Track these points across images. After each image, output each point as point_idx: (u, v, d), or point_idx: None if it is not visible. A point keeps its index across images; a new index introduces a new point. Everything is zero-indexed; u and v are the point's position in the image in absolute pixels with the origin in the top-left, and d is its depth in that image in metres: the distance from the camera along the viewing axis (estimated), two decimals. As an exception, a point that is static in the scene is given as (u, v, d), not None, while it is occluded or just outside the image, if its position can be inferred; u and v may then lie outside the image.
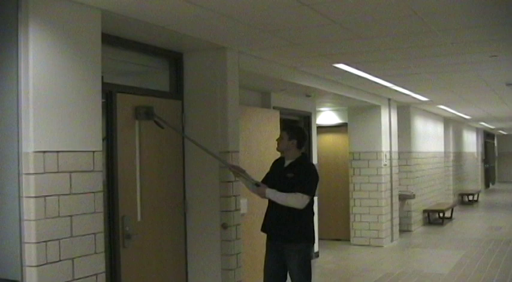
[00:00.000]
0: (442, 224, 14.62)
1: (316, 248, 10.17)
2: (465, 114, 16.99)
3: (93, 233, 4.14)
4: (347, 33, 5.56)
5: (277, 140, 5.58)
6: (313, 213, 5.52)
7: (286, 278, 5.46)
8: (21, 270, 3.72)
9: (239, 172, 5.54)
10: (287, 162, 5.47)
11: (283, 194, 5.23)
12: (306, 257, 5.38)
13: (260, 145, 7.61)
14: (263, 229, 5.55)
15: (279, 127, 8.00)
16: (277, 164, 5.62)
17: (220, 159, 5.79)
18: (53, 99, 3.87)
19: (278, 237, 5.36)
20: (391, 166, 12.03)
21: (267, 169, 5.70)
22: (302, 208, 5.22)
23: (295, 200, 5.21)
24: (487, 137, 30.93)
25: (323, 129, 12.09)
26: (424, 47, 6.44)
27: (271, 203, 5.37)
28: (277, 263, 5.40)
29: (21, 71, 3.75)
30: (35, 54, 3.76)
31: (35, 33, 3.76)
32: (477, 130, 26.10)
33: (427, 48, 6.52)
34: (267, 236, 5.51)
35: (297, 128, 5.75)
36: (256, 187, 5.40)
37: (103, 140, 4.57)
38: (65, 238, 3.89)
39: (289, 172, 5.36)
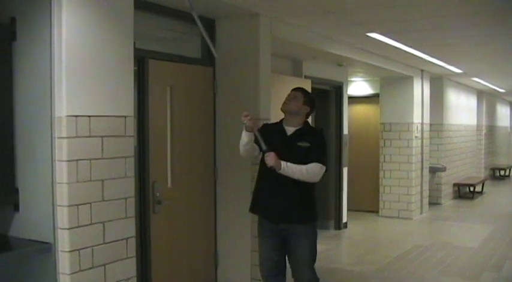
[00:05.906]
0: (472, 198, 14.45)
1: (344, 218, 10.16)
2: (499, 87, 16.68)
3: (124, 198, 4.16)
4: (382, 0, 5.46)
5: (287, 99, 4.71)
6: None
7: (286, 266, 4.71)
8: (54, 232, 3.77)
9: (253, 128, 4.45)
10: (291, 129, 4.63)
11: (299, 167, 4.36)
12: (316, 238, 4.68)
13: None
14: (256, 210, 4.78)
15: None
16: (273, 129, 4.72)
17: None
18: (86, 64, 3.87)
19: (283, 219, 4.54)
20: (422, 138, 11.90)
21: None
22: (317, 181, 4.49)
23: (316, 172, 4.41)
24: (521, 111, 30.41)
25: (354, 99, 11.96)
26: (460, 17, 6.29)
27: (272, 178, 4.46)
28: (277, 251, 4.60)
29: (55, 35, 3.74)
30: (68, 19, 3.74)
31: (68, -3, 3.74)
32: (511, 104, 25.66)
33: (463, 18, 6.36)
34: (264, 219, 4.69)
35: (312, 96, 4.89)
36: (264, 154, 4.38)
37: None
38: (96, 202, 3.91)
39: (301, 141, 4.52)
